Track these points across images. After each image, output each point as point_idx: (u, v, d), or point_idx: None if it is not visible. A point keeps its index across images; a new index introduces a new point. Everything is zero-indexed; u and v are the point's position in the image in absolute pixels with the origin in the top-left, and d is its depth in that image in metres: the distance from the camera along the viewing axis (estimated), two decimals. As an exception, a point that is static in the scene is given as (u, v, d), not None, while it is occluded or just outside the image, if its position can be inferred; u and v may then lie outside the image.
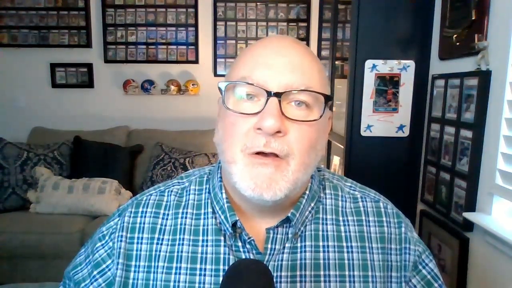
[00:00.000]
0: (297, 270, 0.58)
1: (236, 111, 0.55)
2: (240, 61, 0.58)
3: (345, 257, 0.60)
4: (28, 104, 3.16)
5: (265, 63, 0.54)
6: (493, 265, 1.26)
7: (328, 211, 0.63)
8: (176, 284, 0.58)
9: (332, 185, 0.66)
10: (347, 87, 1.75)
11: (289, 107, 0.54)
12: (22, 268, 2.32)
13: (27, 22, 3.08)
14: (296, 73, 0.54)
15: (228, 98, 0.56)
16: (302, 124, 0.54)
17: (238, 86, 0.55)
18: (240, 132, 0.54)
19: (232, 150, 0.55)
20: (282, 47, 0.57)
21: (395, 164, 1.74)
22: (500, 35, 1.23)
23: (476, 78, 1.31)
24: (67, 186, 2.49)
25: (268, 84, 0.53)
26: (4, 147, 2.66)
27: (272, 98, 0.52)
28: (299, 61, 0.56)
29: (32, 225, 2.34)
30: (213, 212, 0.62)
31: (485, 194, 1.30)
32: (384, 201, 0.67)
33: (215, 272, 0.58)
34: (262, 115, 0.52)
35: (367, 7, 1.67)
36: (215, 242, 0.60)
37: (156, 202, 0.65)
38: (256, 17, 3.09)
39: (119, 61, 3.14)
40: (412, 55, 1.68)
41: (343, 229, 0.62)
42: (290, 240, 0.59)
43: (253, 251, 0.59)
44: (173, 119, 3.15)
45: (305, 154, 0.55)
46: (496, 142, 1.25)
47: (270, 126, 0.51)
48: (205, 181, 0.66)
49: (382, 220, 0.64)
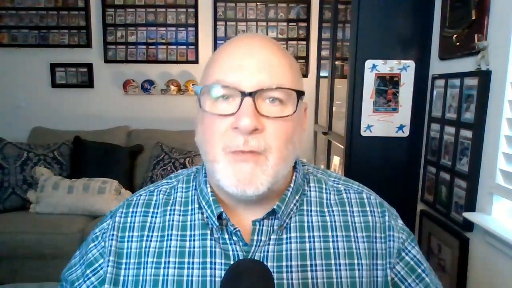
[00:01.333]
0: (283, 260, 0.60)
1: (213, 112, 0.57)
2: (214, 65, 0.61)
3: (331, 246, 0.62)
4: (28, 104, 3.15)
5: (237, 65, 0.57)
6: (493, 265, 1.26)
7: (313, 203, 0.65)
8: (165, 278, 0.60)
9: (316, 179, 0.68)
10: (347, 87, 1.75)
11: (264, 104, 0.56)
12: (22, 268, 2.32)
13: (27, 22, 3.08)
14: (266, 72, 0.57)
15: (204, 100, 0.59)
16: (277, 120, 0.57)
17: (213, 88, 0.57)
18: (219, 132, 0.57)
19: (214, 150, 0.57)
20: (252, 48, 0.59)
21: (395, 164, 1.74)
22: (500, 35, 1.23)
23: (476, 78, 1.31)
24: (67, 186, 2.49)
25: (241, 84, 0.56)
26: (4, 147, 2.66)
27: (246, 98, 0.55)
28: (269, 60, 0.58)
29: (32, 225, 2.34)
30: (199, 208, 0.64)
31: (485, 194, 1.30)
32: (368, 192, 0.69)
33: (203, 265, 0.60)
34: (238, 115, 0.55)
35: (367, 7, 1.67)
36: (201, 236, 0.62)
37: (146, 202, 0.67)
38: (256, 17, 3.09)
39: (119, 61, 3.14)
40: (412, 55, 1.68)
41: (328, 219, 0.64)
42: (276, 232, 0.61)
43: (239, 243, 0.60)
44: (173, 119, 3.15)
45: (282, 148, 0.57)
46: (496, 142, 1.25)
47: (246, 125, 0.54)
48: (192, 179, 0.69)
49: (366, 210, 0.66)
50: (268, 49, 0.59)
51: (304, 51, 3.10)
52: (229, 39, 0.65)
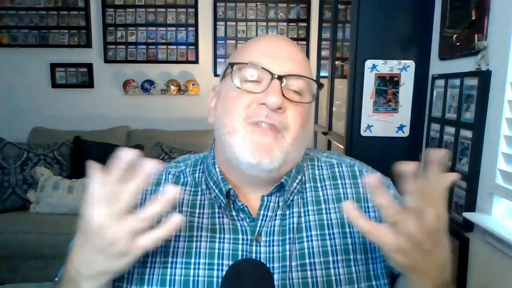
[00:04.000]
0: (286, 234, 0.64)
1: (243, 88, 0.62)
2: (247, 50, 0.66)
3: (324, 218, 0.66)
4: (28, 104, 3.16)
5: (269, 52, 0.63)
6: (493, 265, 1.26)
7: (307, 180, 0.69)
8: (175, 250, 0.62)
9: (309, 157, 0.73)
10: (347, 87, 1.75)
11: (287, 90, 0.62)
12: (22, 268, 2.32)
13: (27, 22, 3.08)
14: (294, 62, 0.64)
15: (234, 77, 0.63)
16: (298, 105, 0.62)
17: (248, 67, 0.62)
18: (244, 105, 0.61)
19: (234, 120, 0.61)
20: (281, 41, 0.67)
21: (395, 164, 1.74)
22: (500, 35, 1.23)
23: (476, 78, 1.31)
24: (67, 186, 2.49)
25: (273, 68, 0.61)
26: (4, 147, 2.66)
27: (276, 80, 0.60)
28: (296, 53, 0.66)
29: (32, 225, 2.34)
30: (207, 188, 0.67)
31: (485, 194, 1.30)
32: (360, 165, 0.73)
33: (211, 238, 0.62)
34: (267, 92, 0.60)
35: (367, 7, 1.67)
36: (211, 215, 0.65)
37: (156, 181, 0.69)
38: (256, 17, 3.09)
39: (119, 61, 3.14)
40: (412, 55, 1.68)
41: (321, 193, 0.68)
42: (281, 207, 0.65)
43: (247, 219, 0.63)
44: (173, 119, 3.15)
45: (298, 130, 0.62)
46: (496, 142, 1.25)
47: (274, 101, 0.58)
48: (199, 163, 0.72)
49: (357, 182, 0.70)
50: (294, 46, 0.67)
51: (304, 51, 3.10)
52: (259, 35, 0.70)
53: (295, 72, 0.62)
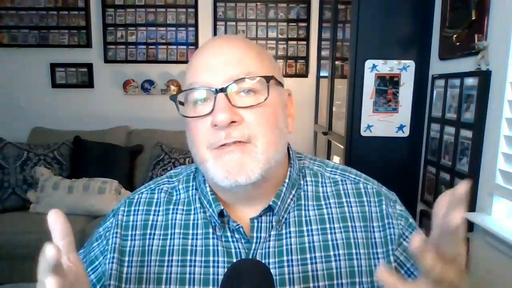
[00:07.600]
0: (284, 255, 0.61)
1: (192, 116, 0.60)
2: (190, 68, 0.63)
3: (329, 238, 0.63)
4: (28, 104, 3.15)
5: (207, 65, 0.60)
6: (493, 265, 1.26)
7: (310, 197, 0.66)
8: (168, 276, 0.61)
9: (313, 172, 0.69)
10: (347, 87, 1.75)
11: (239, 97, 0.58)
12: (22, 268, 2.32)
13: (27, 22, 3.08)
14: (233, 66, 0.59)
15: (186, 107, 0.62)
16: (255, 108, 0.58)
17: (188, 93, 0.60)
18: (202, 133, 0.59)
19: (201, 151, 0.60)
20: (219, 47, 0.61)
21: (395, 164, 1.74)
22: (500, 35, 1.23)
23: (476, 78, 1.31)
24: (67, 186, 2.49)
25: (212, 82, 0.58)
26: (4, 147, 2.66)
27: (219, 94, 0.57)
28: (235, 55, 0.60)
29: (32, 225, 2.34)
30: (201, 207, 0.65)
31: (485, 194, 1.30)
32: (365, 182, 0.70)
33: (205, 263, 0.61)
34: (214, 113, 0.57)
35: (367, 7, 1.67)
36: (204, 235, 0.63)
37: (147, 200, 0.68)
38: (256, 17, 3.09)
39: (119, 61, 3.13)
40: (412, 55, 1.68)
41: (325, 211, 0.65)
42: (275, 227, 0.62)
43: (241, 240, 0.61)
44: (173, 119, 3.13)
45: (269, 133, 0.58)
46: (496, 142, 1.25)
47: (222, 119, 0.55)
48: (191, 178, 0.69)
49: (362, 200, 0.67)
50: (234, 45, 0.61)
51: (304, 51, 3.10)
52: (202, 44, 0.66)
53: (236, 76, 0.58)
